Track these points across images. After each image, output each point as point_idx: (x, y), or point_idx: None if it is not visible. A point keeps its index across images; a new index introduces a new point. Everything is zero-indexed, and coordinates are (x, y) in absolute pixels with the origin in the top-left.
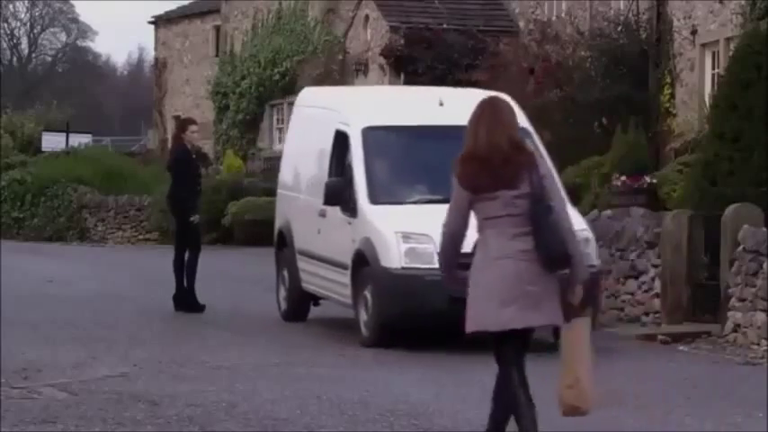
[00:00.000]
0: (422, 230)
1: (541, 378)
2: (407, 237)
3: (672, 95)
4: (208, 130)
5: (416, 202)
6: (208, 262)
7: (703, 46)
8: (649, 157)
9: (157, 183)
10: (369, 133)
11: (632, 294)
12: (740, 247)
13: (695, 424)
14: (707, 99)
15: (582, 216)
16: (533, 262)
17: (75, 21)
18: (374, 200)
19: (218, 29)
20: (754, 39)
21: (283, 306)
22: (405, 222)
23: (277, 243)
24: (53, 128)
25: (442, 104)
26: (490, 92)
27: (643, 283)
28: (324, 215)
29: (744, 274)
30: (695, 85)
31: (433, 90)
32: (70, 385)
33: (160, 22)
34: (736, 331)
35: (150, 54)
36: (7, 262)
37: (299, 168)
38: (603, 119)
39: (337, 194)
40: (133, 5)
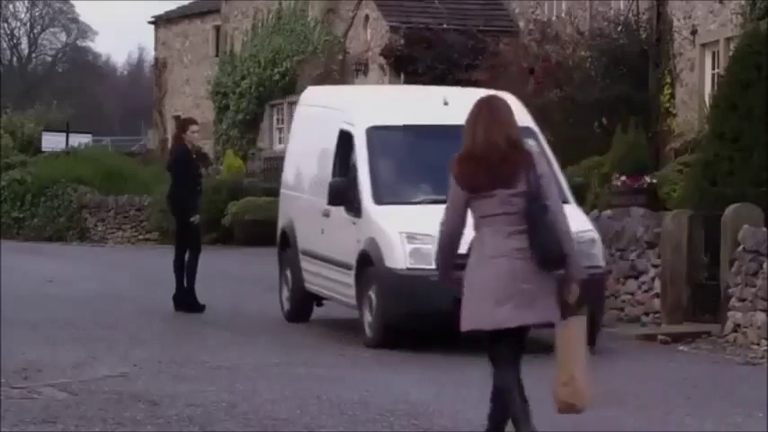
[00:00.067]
0: (427, 231)
1: (539, 380)
2: (412, 237)
3: (672, 95)
4: (208, 130)
5: (421, 202)
6: (208, 262)
7: (703, 46)
8: (649, 157)
9: (157, 183)
10: (373, 133)
11: (632, 294)
12: (740, 247)
13: (695, 424)
14: (707, 99)
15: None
16: (528, 260)
17: (75, 21)
18: (379, 200)
19: (218, 29)
20: (754, 39)
21: (286, 306)
22: (410, 223)
23: (280, 243)
24: (53, 128)
25: (446, 104)
26: (495, 91)
27: (643, 283)
28: (328, 215)
29: (744, 274)
30: (695, 85)
31: (437, 89)
32: (70, 385)
33: (160, 22)
34: (736, 331)
35: (150, 54)
36: (7, 262)
37: (302, 168)
38: (603, 119)
39: (341, 194)
40: (133, 5)
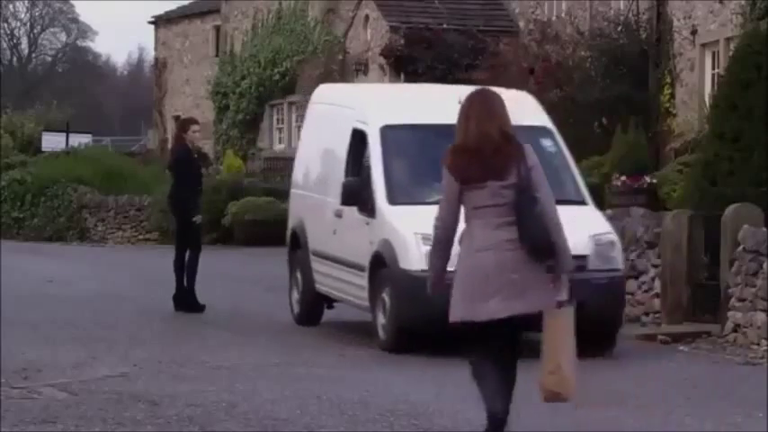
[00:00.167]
0: None
1: (536, 381)
2: (427, 238)
3: (672, 95)
4: (208, 130)
5: (437, 202)
6: (208, 262)
7: (703, 46)
8: (649, 157)
9: (157, 183)
10: (387, 132)
11: (632, 294)
12: (740, 247)
13: (695, 424)
14: (707, 99)
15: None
16: (518, 251)
17: (75, 21)
18: (393, 200)
19: (218, 29)
20: (754, 39)
21: (296, 309)
22: (425, 223)
23: (290, 244)
24: (53, 128)
25: (461, 102)
26: (509, 90)
27: (643, 283)
28: (340, 215)
29: (744, 274)
30: (695, 85)
31: (451, 87)
32: (70, 385)
33: (160, 22)
34: (736, 331)
35: (150, 54)
36: (7, 262)
37: (313, 167)
38: (603, 119)
39: (355, 194)
40: (133, 5)
